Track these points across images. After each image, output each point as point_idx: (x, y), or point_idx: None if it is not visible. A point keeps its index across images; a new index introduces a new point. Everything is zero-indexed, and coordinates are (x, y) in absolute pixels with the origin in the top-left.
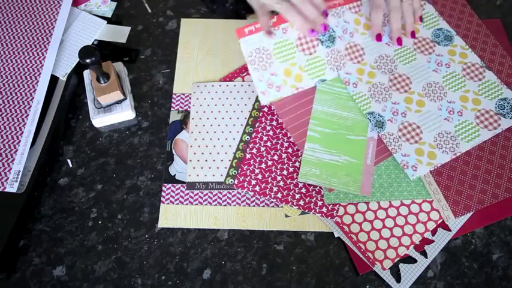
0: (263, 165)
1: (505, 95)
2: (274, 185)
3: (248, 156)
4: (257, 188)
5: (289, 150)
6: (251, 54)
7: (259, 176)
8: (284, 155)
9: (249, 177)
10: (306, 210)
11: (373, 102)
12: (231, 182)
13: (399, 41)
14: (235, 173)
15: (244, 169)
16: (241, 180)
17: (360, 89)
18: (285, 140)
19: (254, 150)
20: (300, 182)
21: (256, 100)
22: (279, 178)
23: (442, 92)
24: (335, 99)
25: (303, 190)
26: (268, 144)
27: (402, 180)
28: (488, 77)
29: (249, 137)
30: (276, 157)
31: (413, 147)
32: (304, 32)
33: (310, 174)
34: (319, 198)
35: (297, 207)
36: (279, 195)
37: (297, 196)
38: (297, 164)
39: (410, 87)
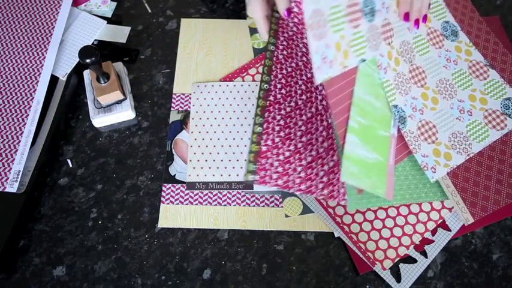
0: (281, 157)
1: (509, 94)
2: (296, 176)
3: (264, 148)
4: (280, 182)
5: (303, 139)
6: (311, 16)
7: (280, 169)
8: (299, 145)
9: (269, 171)
10: (330, 200)
11: (397, 94)
12: (252, 178)
13: (416, 23)
14: (254, 168)
15: (263, 163)
16: (262, 175)
17: (388, 76)
18: (297, 129)
19: (269, 142)
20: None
21: (261, 89)
22: (299, 169)
23: (452, 89)
24: (371, 85)
25: (324, 179)
26: (282, 134)
27: (419, 182)
28: (492, 76)
29: (261, 128)
30: (292, 147)
31: (431, 148)
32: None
33: (350, 173)
34: (341, 186)
35: (321, 197)
36: (303, 186)
37: (320, 186)
38: (313, 153)
39: (425, 82)
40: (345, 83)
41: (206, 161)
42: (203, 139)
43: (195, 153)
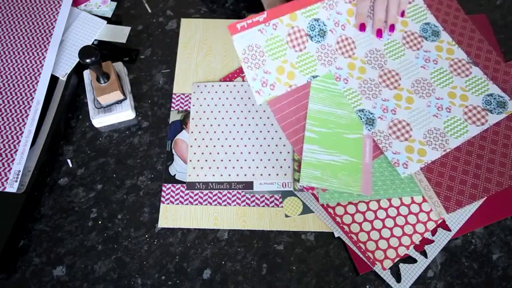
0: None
1: (492, 90)
2: None
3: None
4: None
5: None
6: (244, 52)
7: None
8: None
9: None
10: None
11: (364, 99)
12: (301, 186)
13: (379, 33)
14: (299, 176)
15: None
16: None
17: (350, 85)
18: None
19: None
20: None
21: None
22: None
23: (430, 88)
24: (329, 97)
25: None
26: None
27: (395, 178)
28: (474, 72)
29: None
30: None
31: (404, 145)
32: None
33: (311, 177)
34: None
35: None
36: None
37: None
38: None
39: (399, 84)
40: (292, 99)
41: (206, 161)
42: (203, 139)
43: (195, 153)
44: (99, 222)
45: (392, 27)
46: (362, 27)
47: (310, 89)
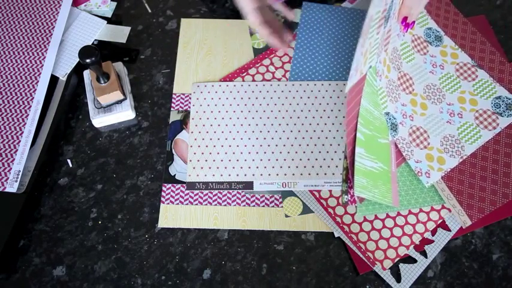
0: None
1: (499, 93)
2: None
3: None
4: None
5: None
6: (365, 23)
7: None
8: None
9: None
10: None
11: (388, 102)
12: (347, 199)
13: (406, 26)
14: (346, 187)
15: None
16: (352, 193)
17: (382, 83)
18: None
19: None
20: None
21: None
22: None
23: (440, 94)
24: (371, 94)
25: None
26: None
27: (416, 187)
28: (481, 75)
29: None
30: None
31: (424, 153)
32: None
33: (362, 186)
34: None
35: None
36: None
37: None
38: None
39: (413, 89)
40: (357, 90)
41: (206, 161)
42: (203, 139)
43: (195, 153)
44: (99, 222)
45: (407, 25)
46: (404, 20)
47: (365, 81)
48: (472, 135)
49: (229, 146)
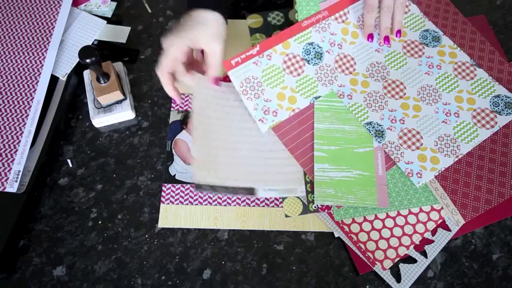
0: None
1: (498, 91)
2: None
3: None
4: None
5: None
6: (242, 85)
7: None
8: None
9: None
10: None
11: (370, 112)
12: (315, 207)
13: (387, 40)
14: (313, 197)
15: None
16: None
17: (355, 100)
18: None
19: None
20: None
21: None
22: None
23: (436, 94)
24: (334, 114)
25: None
26: None
27: (409, 188)
28: (479, 74)
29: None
30: None
31: (416, 154)
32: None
33: (325, 195)
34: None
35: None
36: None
37: None
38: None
39: (405, 93)
40: (297, 122)
41: (210, 163)
42: (204, 140)
43: (199, 154)
44: (99, 222)
45: (399, 32)
46: (370, 37)
47: (314, 109)
48: (469, 134)
49: (232, 148)
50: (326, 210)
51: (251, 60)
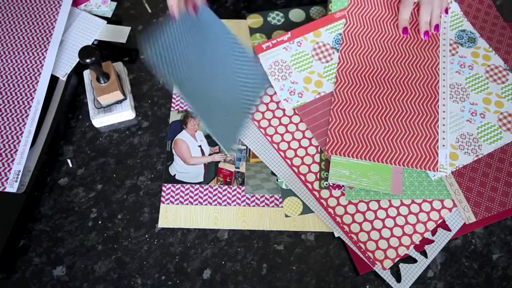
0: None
1: None
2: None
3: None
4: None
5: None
6: (271, 67)
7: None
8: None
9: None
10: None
11: None
12: (327, 184)
13: (426, 34)
14: (327, 175)
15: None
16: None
17: None
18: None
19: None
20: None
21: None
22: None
23: (465, 93)
24: None
25: None
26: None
27: (424, 180)
28: (511, 80)
29: None
30: None
31: None
32: None
33: (340, 175)
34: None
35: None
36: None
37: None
38: None
39: None
40: (321, 104)
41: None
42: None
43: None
44: (99, 222)
45: (437, 27)
46: (405, 30)
47: None
48: (492, 136)
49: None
50: (337, 189)
51: (281, 46)
